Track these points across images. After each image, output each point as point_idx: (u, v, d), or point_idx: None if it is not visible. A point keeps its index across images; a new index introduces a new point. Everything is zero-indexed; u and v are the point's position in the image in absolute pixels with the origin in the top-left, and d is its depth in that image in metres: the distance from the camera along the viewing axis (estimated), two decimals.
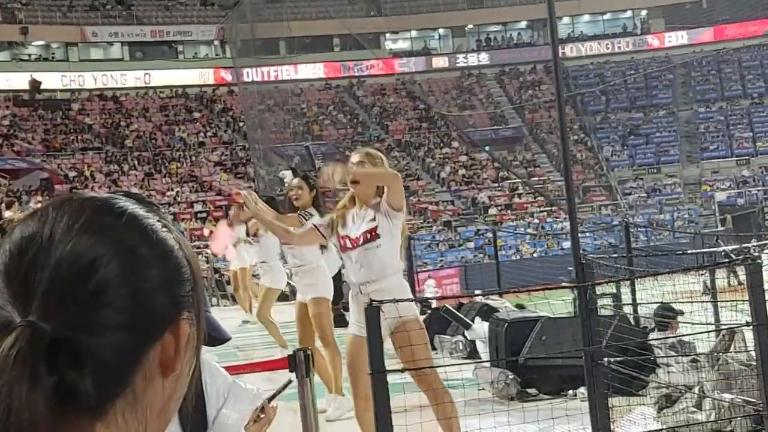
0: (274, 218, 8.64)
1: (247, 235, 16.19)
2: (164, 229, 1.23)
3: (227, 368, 3.21)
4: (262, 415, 3.09)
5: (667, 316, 10.06)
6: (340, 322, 17.61)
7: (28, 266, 1.14)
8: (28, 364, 1.09)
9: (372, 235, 6.77)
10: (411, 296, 7.24)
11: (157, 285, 1.17)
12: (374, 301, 6.29)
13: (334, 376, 9.65)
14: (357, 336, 6.73)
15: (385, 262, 6.78)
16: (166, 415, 1.22)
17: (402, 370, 6.53)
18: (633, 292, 11.84)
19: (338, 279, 11.06)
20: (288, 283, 14.52)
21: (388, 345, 6.65)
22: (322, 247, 9.63)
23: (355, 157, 7.01)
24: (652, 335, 10.45)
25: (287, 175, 9.44)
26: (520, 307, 12.89)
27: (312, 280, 9.74)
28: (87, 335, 1.12)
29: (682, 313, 10.24)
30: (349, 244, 6.89)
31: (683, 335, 9.76)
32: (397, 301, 6.45)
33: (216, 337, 2.90)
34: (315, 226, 7.31)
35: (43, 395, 1.10)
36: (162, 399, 1.20)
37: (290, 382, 4.86)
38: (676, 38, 64.65)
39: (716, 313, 10.68)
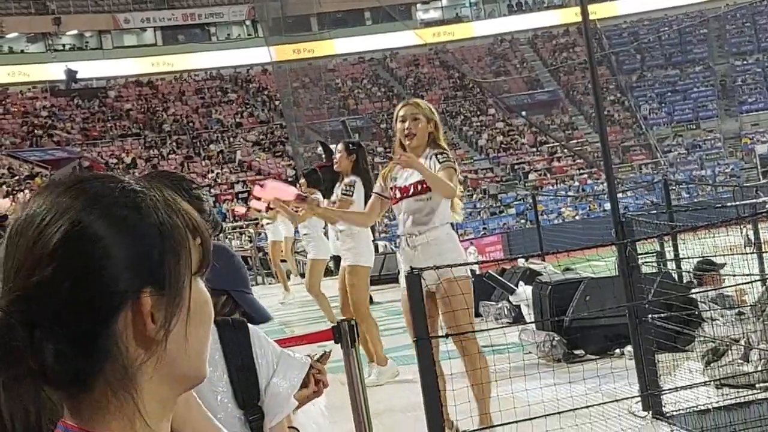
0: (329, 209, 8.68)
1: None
2: (135, 202, 1.25)
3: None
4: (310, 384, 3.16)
5: (707, 269, 10.03)
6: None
7: (6, 252, 1.23)
8: (11, 349, 1.18)
9: (423, 187, 6.71)
10: (460, 247, 7.14)
11: (114, 264, 1.21)
12: (415, 269, 6.27)
13: (373, 346, 9.48)
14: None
15: (434, 212, 6.71)
16: (170, 377, 1.27)
17: (446, 336, 6.53)
18: (675, 247, 11.79)
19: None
20: (332, 256, 14.52)
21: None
22: None
23: (403, 111, 6.89)
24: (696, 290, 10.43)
25: None
26: (568, 270, 12.88)
27: (352, 244, 9.58)
28: (49, 319, 1.18)
29: (723, 265, 10.19)
30: (398, 194, 6.85)
31: (726, 287, 9.74)
32: (438, 267, 6.40)
33: (257, 317, 3.00)
34: (377, 193, 7.16)
35: (27, 378, 1.18)
36: (152, 364, 1.24)
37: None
38: None
39: (761, 265, 10.64)
